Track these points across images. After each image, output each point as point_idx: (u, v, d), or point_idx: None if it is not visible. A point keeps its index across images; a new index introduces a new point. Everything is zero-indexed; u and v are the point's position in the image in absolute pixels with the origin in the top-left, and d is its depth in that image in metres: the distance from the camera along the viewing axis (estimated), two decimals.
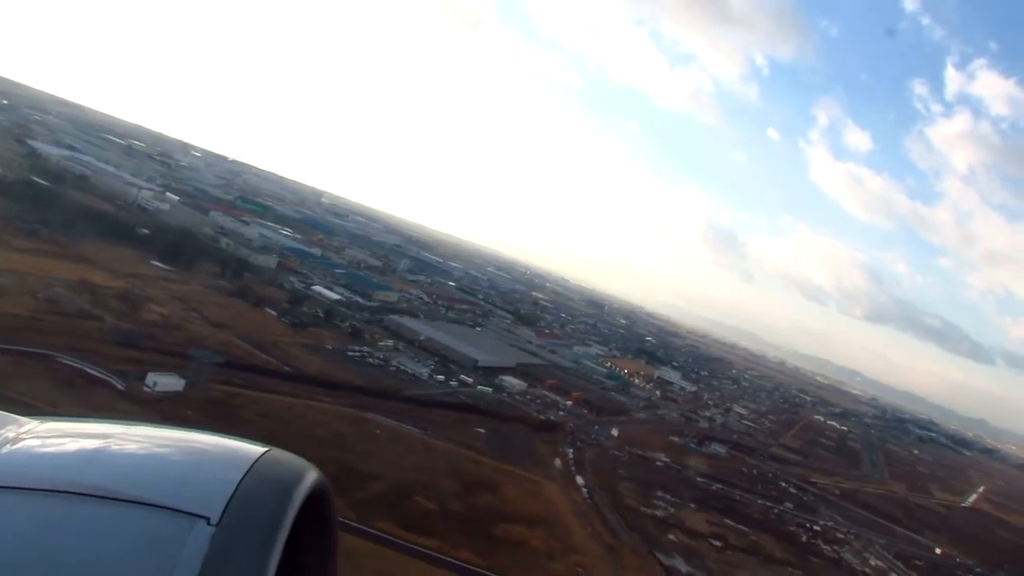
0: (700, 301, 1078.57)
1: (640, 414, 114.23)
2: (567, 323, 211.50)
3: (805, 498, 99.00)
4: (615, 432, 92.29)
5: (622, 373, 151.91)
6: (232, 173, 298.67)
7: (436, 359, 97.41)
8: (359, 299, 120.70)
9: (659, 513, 66.80)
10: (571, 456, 73.70)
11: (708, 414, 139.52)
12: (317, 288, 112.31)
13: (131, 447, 3.47)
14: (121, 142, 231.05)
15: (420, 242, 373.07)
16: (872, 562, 76.86)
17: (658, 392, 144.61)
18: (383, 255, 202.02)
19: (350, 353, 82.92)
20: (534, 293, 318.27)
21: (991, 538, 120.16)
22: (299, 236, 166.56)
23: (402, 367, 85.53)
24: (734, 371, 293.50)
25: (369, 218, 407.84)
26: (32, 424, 3.65)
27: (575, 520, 58.43)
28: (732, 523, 72.20)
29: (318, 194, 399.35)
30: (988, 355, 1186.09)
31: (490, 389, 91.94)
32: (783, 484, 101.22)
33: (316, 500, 3.22)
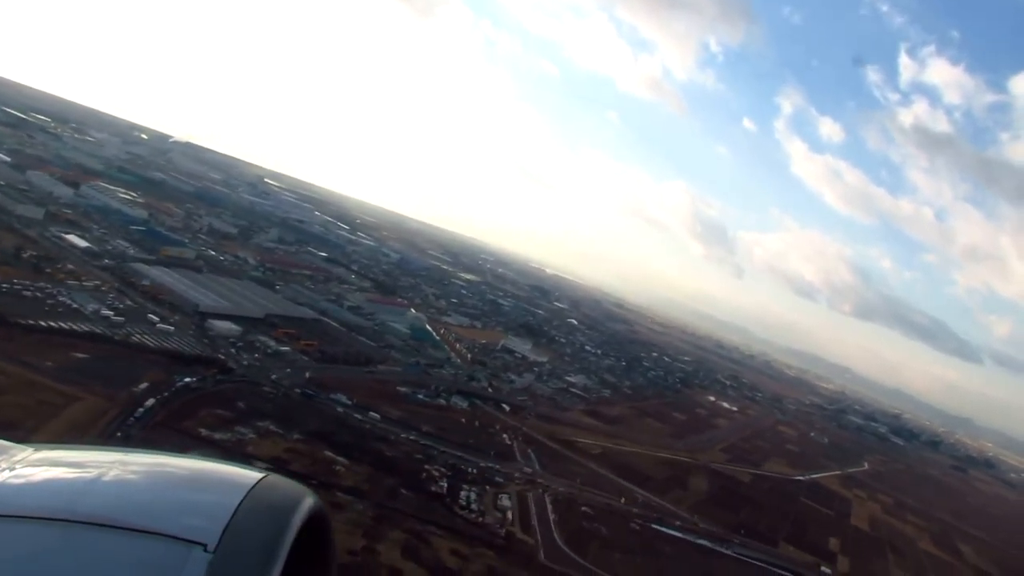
0: (697, 297, 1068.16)
1: (398, 367, 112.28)
2: (443, 297, 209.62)
3: (529, 450, 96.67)
4: (308, 375, 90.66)
5: (440, 338, 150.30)
6: (157, 152, 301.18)
7: (153, 304, 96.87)
8: (136, 251, 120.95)
9: (219, 435, 65.10)
10: (179, 385, 72.00)
11: (513, 377, 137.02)
12: (70, 237, 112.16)
13: (127, 474, 3.48)
14: (18, 114, 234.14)
15: (365, 225, 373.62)
16: (502, 502, 74.57)
17: (469, 355, 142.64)
18: (259, 227, 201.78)
19: (5, 285, 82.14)
20: (463, 275, 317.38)
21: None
22: (143, 203, 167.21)
23: (70, 303, 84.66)
24: (655, 354, 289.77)
25: (321, 202, 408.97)
26: (27, 452, 3.73)
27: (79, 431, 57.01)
28: (331, 453, 70.35)
29: (262, 176, 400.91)
30: (976, 354, 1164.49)
31: (189, 331, 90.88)
32: (507, 437, 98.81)
33: (314, 525, 3.36)
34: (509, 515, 71.66)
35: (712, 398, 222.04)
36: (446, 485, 73.08)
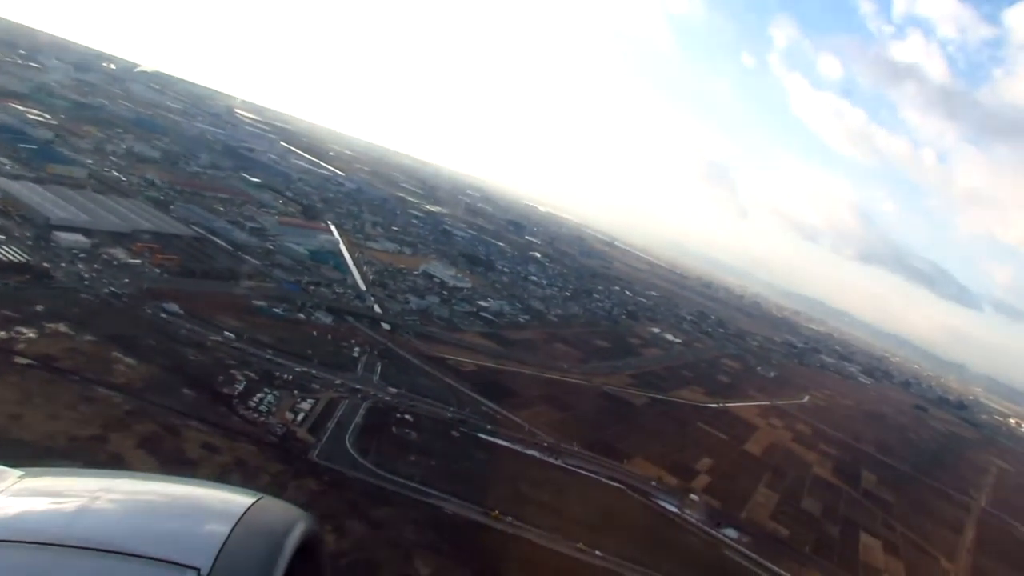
0: (706, 243, 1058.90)
1: (271, 285, 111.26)
2: (382, 225, 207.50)
3: (377, 364, 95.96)
4: (146, 286, 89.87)
5: (353, 261, 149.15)
6: (115, 80, 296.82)
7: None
8: (14, 168, 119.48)
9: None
10: None
11: (412, 299, 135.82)
12: None
13: (120, 498, 3.48)
14: None
15: (338, 158, 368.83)
16: (301, 405, 74.15)
17: (372, 277, 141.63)
18: (192, 152, 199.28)
19: None
20: (428, 207, 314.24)
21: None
22: (57, 125, 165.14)
23: None
24: (617, 288, 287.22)
25: (295, 135, 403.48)
26: (17, 475, 3.67)
27: None
28: (119, 354, 69.85)
29: (233, 107, 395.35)
30: (976, 301, 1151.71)
31: (27, 242, 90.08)
32: (358, 351, 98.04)
33: (308, 548, 3.34)
34: (301, 417, 71.15)
35: (656, 330, 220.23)
36: (242, 388, 72.49)
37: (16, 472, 3.68)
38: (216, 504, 3.44)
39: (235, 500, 3.37)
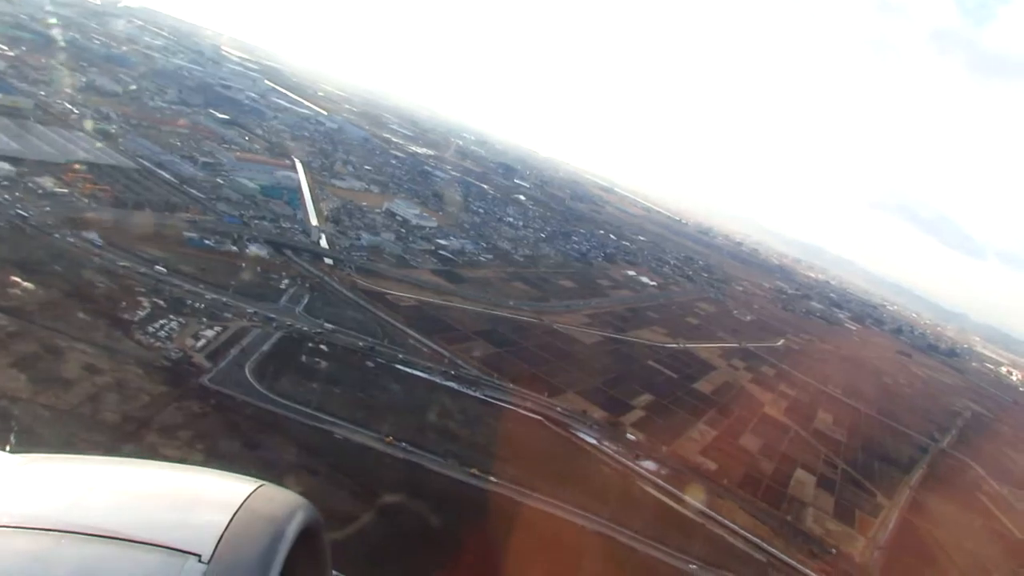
0: (715, 192, 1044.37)
1: (209, 217, 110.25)
2: (354, 164, 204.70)
3: (305, 296, 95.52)
4: (69, 215, 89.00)
5: (312, 198, 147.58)
6: (94, 15, 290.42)
7: None
8: None
9: None
10: None
11: (365, 235, 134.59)
12: None
13: (122, 484, 3.50)
14: None
15: (326, 99, 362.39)
16: (204, 333, 73.95)
17: (326, 214, 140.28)
18: (161, 88, 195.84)
19: None
20: (413, 148, 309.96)
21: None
22: (12, 56, 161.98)
23: None
24: (601, 232, 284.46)
25: (284, 76, 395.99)
26: (19, 461, 3.65)
27: None
28: (18, 279, 69.48)
29: (220, 45, 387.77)
30: (981, 250, 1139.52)
31: None
32: (288, 283, 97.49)
33: (308, 535, 3.38)
34: (201, 344, 71.00)
35: (632, 272, 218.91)
36: (144, 315, 72.19)
37: (17, 458, 3.63)
38: (217, 491, 3.46)
39: (236, 487, 3.41)
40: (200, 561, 2.87)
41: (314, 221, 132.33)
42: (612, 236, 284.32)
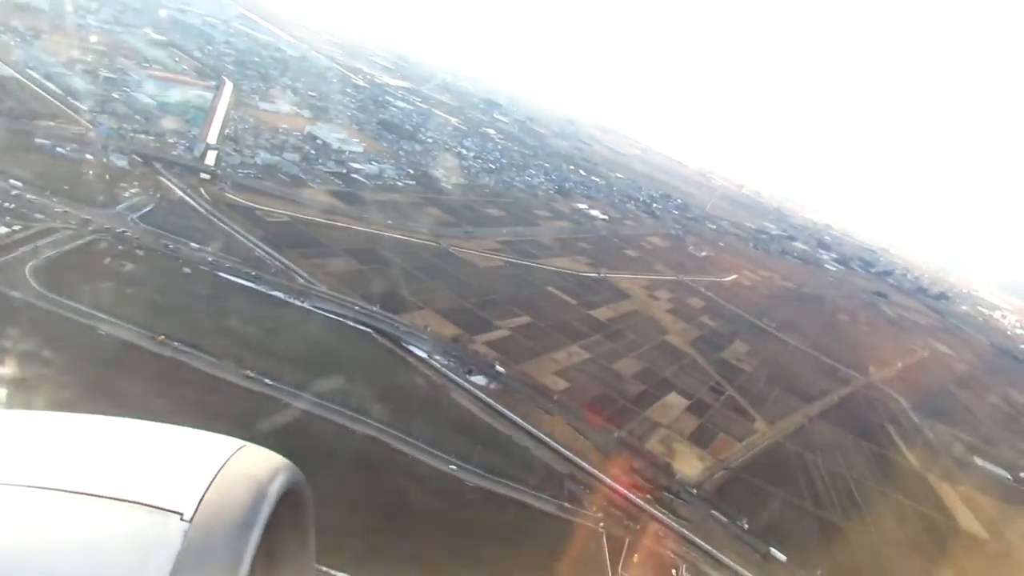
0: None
1: (79, 129, 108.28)
2: (296, 90, 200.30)
3: (152, 206, 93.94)
4: None
5: (225, 119, 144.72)
6: None
7: None
8: None
9: None
10: None
11: (264, 155, 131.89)
12: None
13: (102, 441, 3.38)
14: None
15: (304, 35, 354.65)
16: None
17: (227, 132, 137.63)
18: (92, 7, 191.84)
19: None
20: (388, 80, 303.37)
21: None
22: None
23: None
24: (571, 167, 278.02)
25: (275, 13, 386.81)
26: None
27: None
28: None
29: None
30: None
31: None
32: (137, 192, 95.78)
33: (291, 494, 3.36)
34: None
35: (583, 206, 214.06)
36: None
37: None
38: (199, 450, 3.34)
39: (218, 446, 3.32)
40: (182, 519, 2.83)
41: (211, 140, 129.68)
42: (582, 172, 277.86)
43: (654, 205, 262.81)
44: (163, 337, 65.79)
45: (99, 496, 2.90)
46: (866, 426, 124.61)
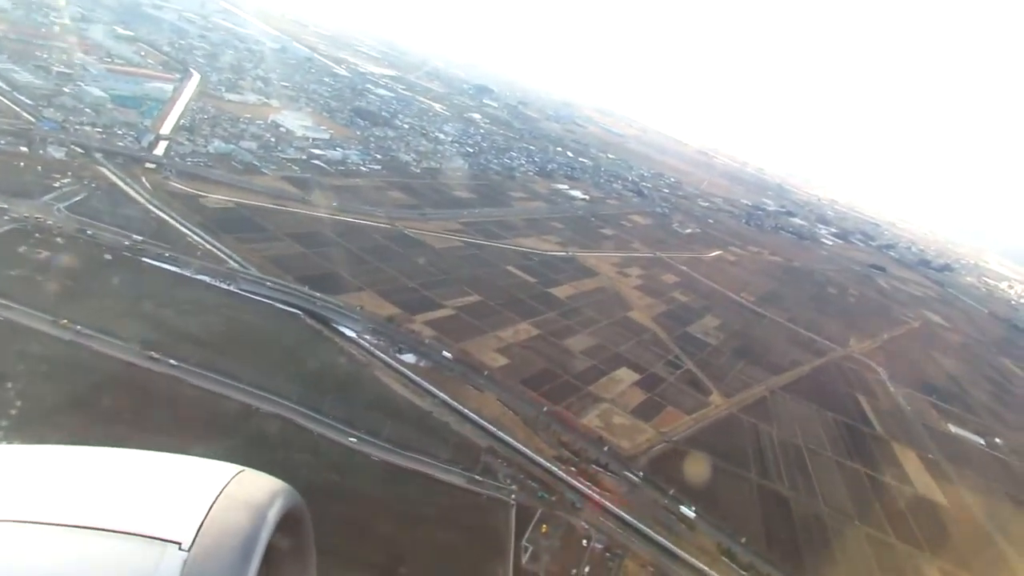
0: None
1: (13, 120, 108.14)
2: (267, 81, 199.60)
3: (83, 195, 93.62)
4: None
5: (182, 112, 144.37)
6: None
7: None
8: None
9: None
10: None
11: (218, 143, 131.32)
12: None
13: (98, 473, 3.35)
14: None
15: (285, 28, 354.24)
16: None
17: (182, 123, 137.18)
18: (58, 5, 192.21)
19: None
20: (375, 70, 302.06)
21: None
22: None
23: None
24: (559, 148, 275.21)
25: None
26: None
27: None
28: None
29: None
30: None
31: None
32: (70, 183, 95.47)
33: (291, 519, 3.33)
34: None
35: (563, 187, 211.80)
36: None
37: None
38: (196, 477, 3.29)
39: (216, 473, 3.27)
40: (181, 549, 2.79)
41: (164, 130, 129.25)
42: (569, 153, 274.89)
43: (643, 184, 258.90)
44: (66, 321, 65.19)
45: (96, 529, 2.82)
46: (834, 397, 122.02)
